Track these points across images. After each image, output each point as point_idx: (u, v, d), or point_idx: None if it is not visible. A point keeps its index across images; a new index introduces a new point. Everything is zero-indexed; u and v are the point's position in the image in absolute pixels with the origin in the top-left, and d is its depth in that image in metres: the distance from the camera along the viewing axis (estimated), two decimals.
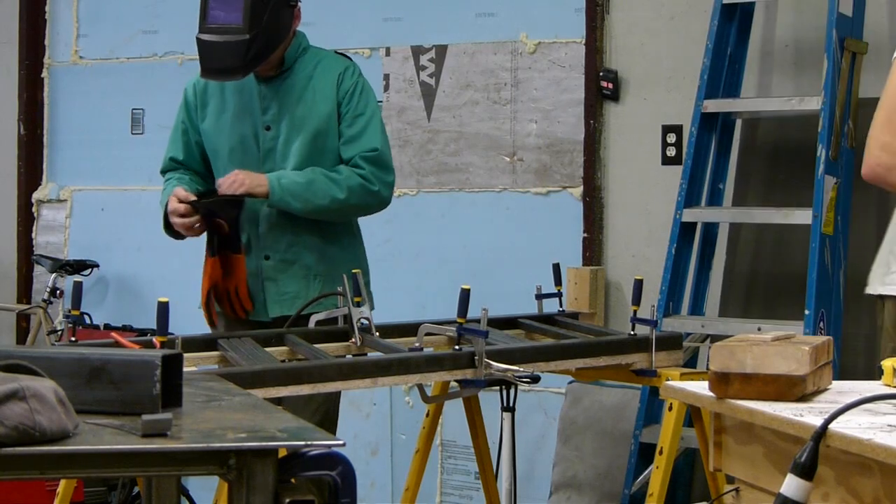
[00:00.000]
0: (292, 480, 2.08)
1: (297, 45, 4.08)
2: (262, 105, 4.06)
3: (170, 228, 4.02)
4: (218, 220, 3.94)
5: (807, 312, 4.35)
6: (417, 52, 5.74)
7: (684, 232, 4.78)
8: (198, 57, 3.98)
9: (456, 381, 3.59)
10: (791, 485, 1.98)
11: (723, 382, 2.29)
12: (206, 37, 3.94)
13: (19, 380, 1.99)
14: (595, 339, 3.92)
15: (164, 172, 4.23)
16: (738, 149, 5.00)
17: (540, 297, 4.32)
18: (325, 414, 3.96)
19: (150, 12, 6.36)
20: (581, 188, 5.37)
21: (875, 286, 3.40)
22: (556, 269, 4.35)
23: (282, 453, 2.07)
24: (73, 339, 3.48)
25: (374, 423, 5.76)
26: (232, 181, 3.92)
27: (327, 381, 3.29)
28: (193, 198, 3.94)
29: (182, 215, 3.92)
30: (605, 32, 5.30)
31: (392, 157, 4.12)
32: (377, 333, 3.77)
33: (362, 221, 4.22)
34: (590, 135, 5.33)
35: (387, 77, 5.79)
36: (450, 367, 3.50)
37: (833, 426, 1.99)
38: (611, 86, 5.27)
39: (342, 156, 4.04)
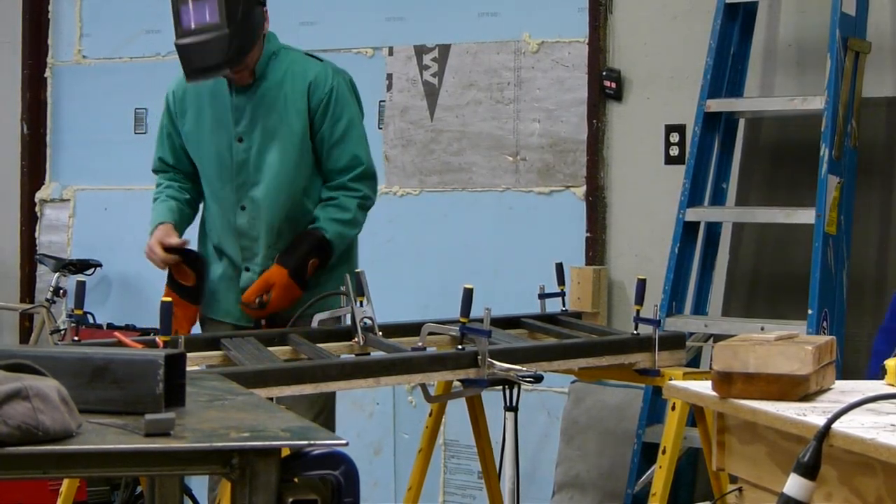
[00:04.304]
0: (295, 480, 2.09)
1: (267, 51, 4.07)
2: (235, 116, 4.07)
3: None
4: (187, 269, 4.02)
5: (810, 312, 4.34)
6: (420, 51, 5.74)
7: (687, 231, 4.77)
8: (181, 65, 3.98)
9: (459, 380, 3.60)
10: (794, 484, 1.98)
11: (726, 382, 2.29)
12: (184, 41, 3.94)
13: (22, 379, 2.00)
14: (598, 338, 3.92)
15: (156, 172, 4.33)
16: (741, 148, 5.00)
17: (543, 296, 4.32)
18: (322, 407, 3.97)
19: (153, 12, 6.34)
20: (584, 188, 5.36)
21: None
22: (559, 268, 4.35)
23: (285, 453, 2.08)
24: (76, 338, 3.49)
25: (376, 423, 5.76)
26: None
27: (330, 380, 3.30)
28: (175, 243, 4.02)
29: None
30: (608, 32, 5.30)
31: (372, 156, 4.17)
32: (380, 333, 3.77)
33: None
34: (593, 134, 5.33)
35: (390, 77, 5.79)
36: (453, 366, 3.50)
37: (836, 426, 1.99)
38: (614, 85, 5.26)
39: (328, 167, 4.08)
